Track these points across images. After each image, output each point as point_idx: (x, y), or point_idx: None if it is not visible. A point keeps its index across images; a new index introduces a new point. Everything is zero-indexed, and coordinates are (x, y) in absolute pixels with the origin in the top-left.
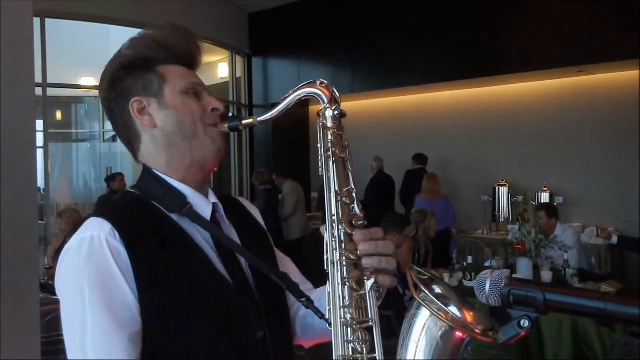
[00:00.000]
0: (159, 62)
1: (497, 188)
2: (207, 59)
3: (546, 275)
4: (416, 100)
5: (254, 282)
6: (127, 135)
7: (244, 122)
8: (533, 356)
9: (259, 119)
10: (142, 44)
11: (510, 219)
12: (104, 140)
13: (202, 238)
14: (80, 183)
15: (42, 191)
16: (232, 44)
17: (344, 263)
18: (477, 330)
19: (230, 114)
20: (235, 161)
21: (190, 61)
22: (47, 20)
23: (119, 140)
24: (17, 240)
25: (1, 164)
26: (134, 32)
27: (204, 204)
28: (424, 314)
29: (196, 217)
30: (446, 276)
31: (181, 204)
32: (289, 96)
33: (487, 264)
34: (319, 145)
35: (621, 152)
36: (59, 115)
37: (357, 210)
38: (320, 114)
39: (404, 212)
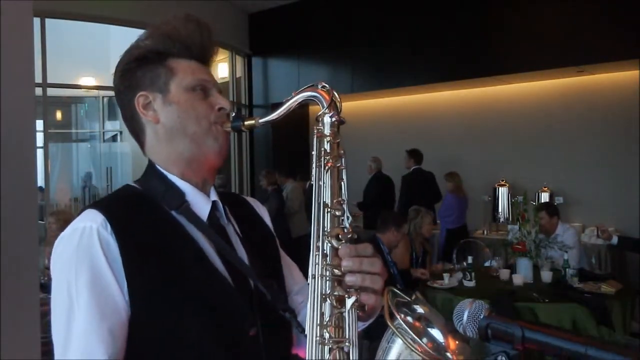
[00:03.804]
0: (172, 56)
1: (497, 188)
2: None
3: (546, 275)
4: (416, 100)
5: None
6: (134, 127)
7: (246, 122)
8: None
9: (260, 120)
10: (157, 36)
11: (510, 219)
12: (104, 140)
13: (201, 235)
14: (80, 183)
15: (42, 191)
16: (232, 44)
17: (327, 278)
18: None
19: (233, 113)
20: (235, 161)
21: (204, 55)
22: (47, 20)
23: (119, 140)
24: (17, 240)
25: (1, 164)
26: (134, 32)
27: (202, 202)
28: (398, 344)
29: (191, 216)
30: (446, 276)
31: (179, 201)
32: (290, 99)
33: (487, 264)
34: (313, 153)
35: (621, 152)
36: (59, 115)
37: (347, 224)
38: (319, 119)
39: None
